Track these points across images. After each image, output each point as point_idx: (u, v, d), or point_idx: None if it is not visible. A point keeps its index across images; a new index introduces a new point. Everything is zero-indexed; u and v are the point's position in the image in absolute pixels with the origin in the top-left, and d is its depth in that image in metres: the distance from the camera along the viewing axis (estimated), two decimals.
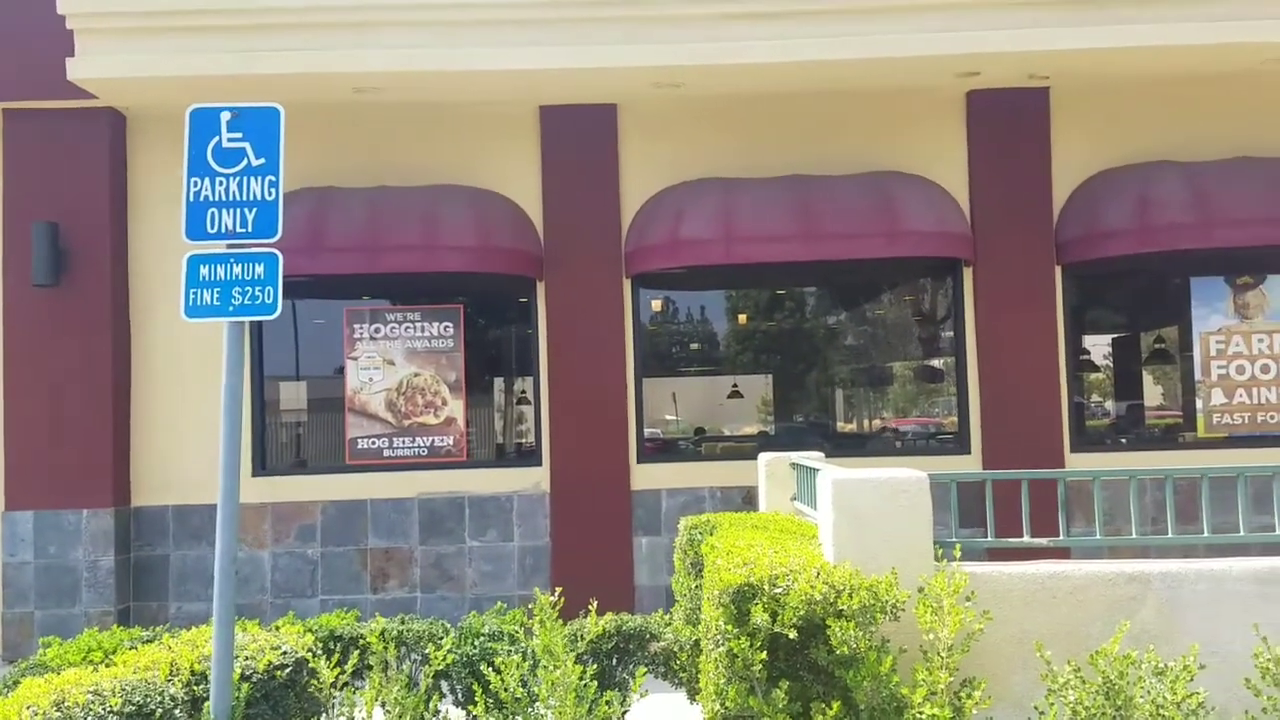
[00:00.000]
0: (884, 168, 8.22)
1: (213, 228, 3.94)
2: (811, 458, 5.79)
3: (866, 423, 9.02)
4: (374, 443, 8.23)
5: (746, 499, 7.81)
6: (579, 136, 8.26)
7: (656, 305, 8.85)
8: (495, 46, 7.36)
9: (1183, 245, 7.74)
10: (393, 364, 8.28)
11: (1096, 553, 4.60)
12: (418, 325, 8.30)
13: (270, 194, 3.94)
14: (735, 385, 8.88)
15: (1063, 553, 6.51)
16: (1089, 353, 8.80)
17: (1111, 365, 9.00)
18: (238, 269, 3.90)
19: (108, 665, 4.58)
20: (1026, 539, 4.15)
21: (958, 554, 3.92)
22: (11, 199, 8.01)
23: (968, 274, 8.25)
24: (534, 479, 8.21)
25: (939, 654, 3.60)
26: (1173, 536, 4.22)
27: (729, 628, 3.60)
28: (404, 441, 8.23)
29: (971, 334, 8.25)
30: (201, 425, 7.82)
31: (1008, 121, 8.17)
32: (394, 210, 7.90)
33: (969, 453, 8.21)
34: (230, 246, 3.98)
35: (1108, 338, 9.00)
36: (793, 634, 3.52)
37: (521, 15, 7.37)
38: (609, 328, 8.19)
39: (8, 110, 7.99)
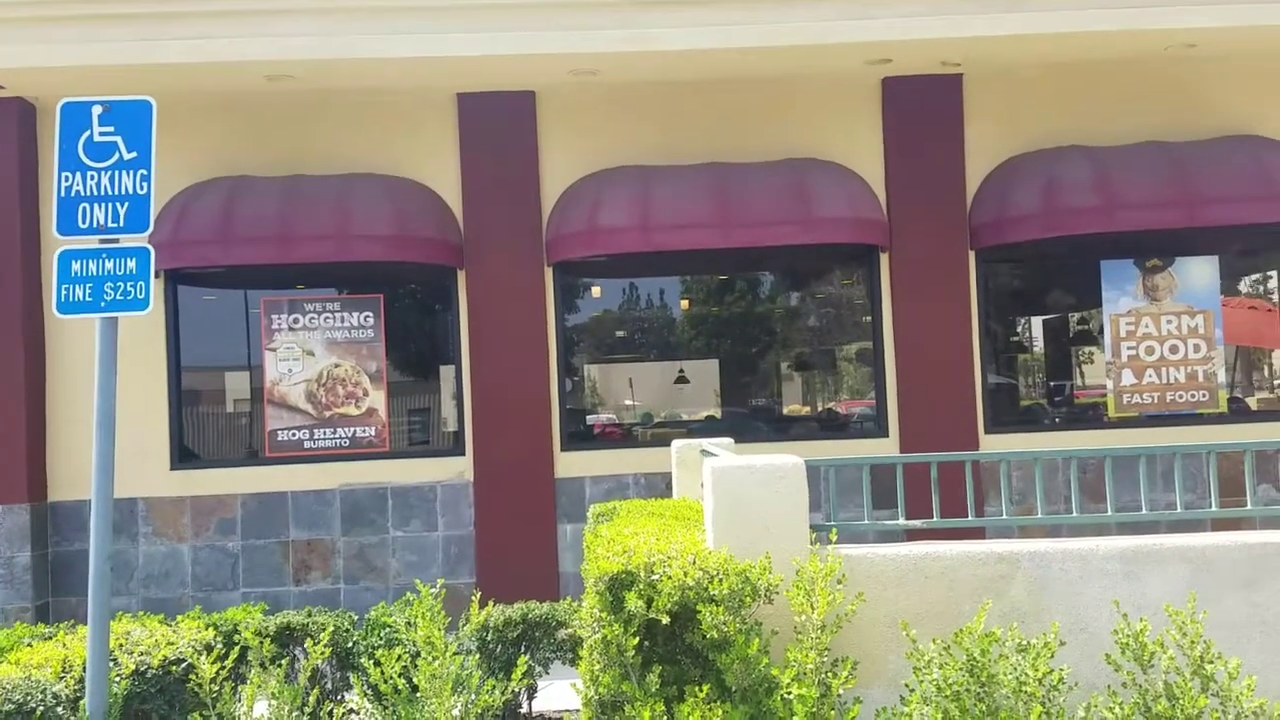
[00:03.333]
0: (801, 154, 8.28)
1: (84, 222, 3.91)
2: (719, 444, 5.85)
3: (810, 406, 9.10)
4: (294, 434, 8.19)
5: (669, 486, 7.86)
6: (498, 124, 8.24)
7: (595, 292, 8.87)
8: (408, 34, 7.31)
9: (1089, 229, 7.89)
10: (312, 355, 8.22)
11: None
12: (337, 315, 8.25)
13: (142, 188, 3.90)
14: (681, 371, 8.92)
15: (978, 532, 6.63)
16: (1002, 336, 8.96)
17: (1025, 348, 9.18)
18: (109, 264, 3.86)
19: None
20: (902, 521, 4.25)
21: (833, 538, 4.00)
22: None
23: (884, 260, 8.35)
24: (457, 468, 8.21)
25: (810, 635, 3.68)
26: (1042, 517, 4.33)
27: (604, 614, 3.65)
28: (325, 433, 8.19)
29: (888, 319, 8.36)
30: (119, 420, 7.71)
31: (921, 108, 8.27)
32: (309, 200, 7.83)
33: (887, 435, 8.33)
34: (102, 242, 3.94)
35: (1021, 321, 9.17)
36: (666, 619, 3.58)
37: (436, 2, 7.32)
38: (530, 316, 8.20)
39: None
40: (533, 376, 8.19)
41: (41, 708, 3.89)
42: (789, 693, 3.54)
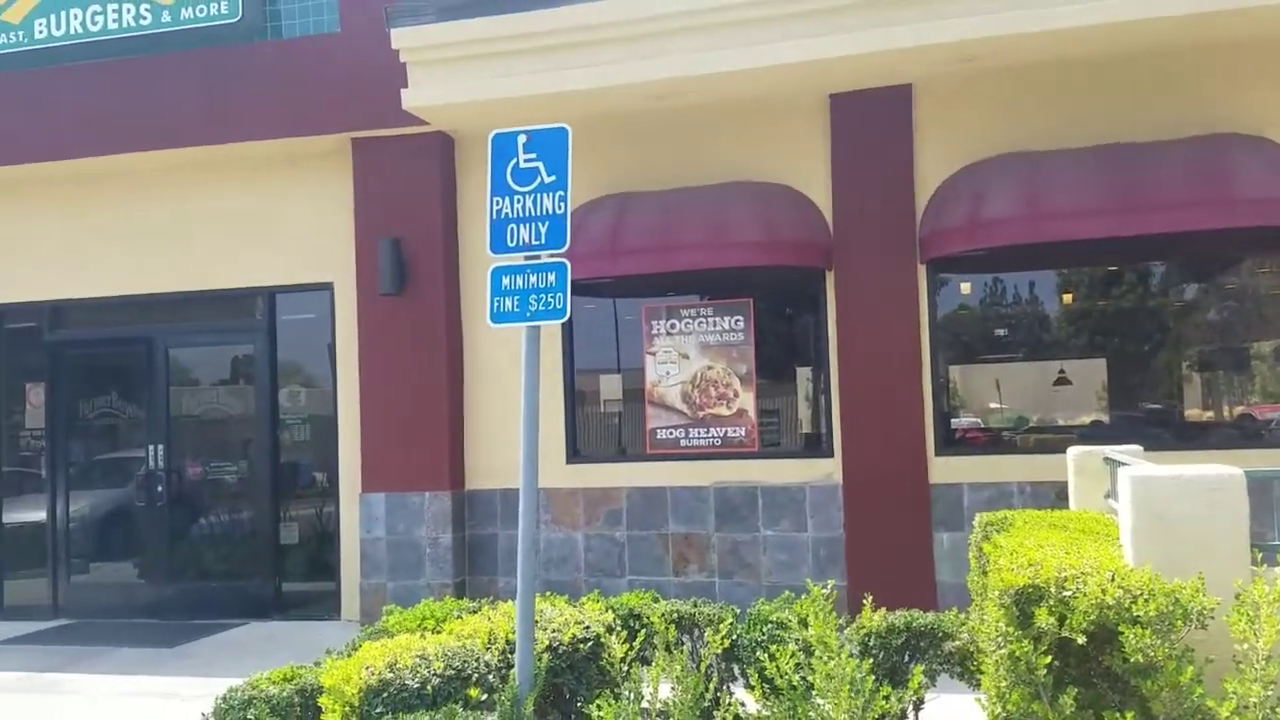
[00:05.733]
0: (1216, 129, 7.40)
1: (512, 241, 4.34)
2: (1127, 452, 5.38)
3: (1216, 411, 8.13)
4: (671, 433, 8.60)
5: (1060, 495, 7.32)
6: (870, 121, 8.13)
7: (964, 289, 8.49)
8: (788, 39, 7.38)
9: None
10: (687, 358, 8.60)
11: None
12: (710, 320, 8.57)
13: (560, 208, 4.27)
14: (1062, 371, 8.31)
15: None
16: None
17: None
18: (533, 278, 4.27)
19: (436, 632, 5.19)
20: None
21: None
22: (362, 218, 9.11)
23: None
24: (825, 470, 8.21)
25: (1254, 666, 3.27)
26: None
27: (1010, 629, 3.47)
28: (699, 432, 8.53)
29: None
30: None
31: None
32: (686, 211, 8.18)
33: None
34: (527, 258, 4.36)
35: None
36: (1081, 639, 3.34)
37: (814, 6, 7.35)
38: (902, 315, 8.01)
39: (355, 139, 9.10)
40: (904, 378, 8.00)
41: (475, 674, 4.36)
42: None
